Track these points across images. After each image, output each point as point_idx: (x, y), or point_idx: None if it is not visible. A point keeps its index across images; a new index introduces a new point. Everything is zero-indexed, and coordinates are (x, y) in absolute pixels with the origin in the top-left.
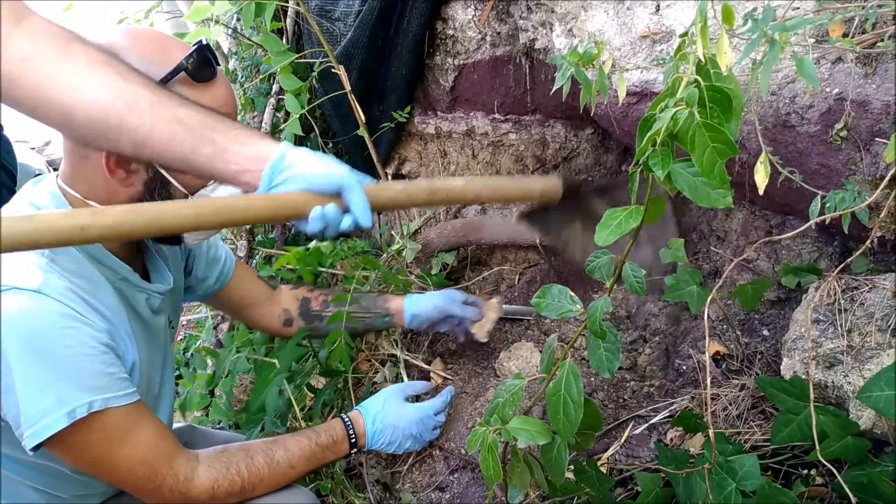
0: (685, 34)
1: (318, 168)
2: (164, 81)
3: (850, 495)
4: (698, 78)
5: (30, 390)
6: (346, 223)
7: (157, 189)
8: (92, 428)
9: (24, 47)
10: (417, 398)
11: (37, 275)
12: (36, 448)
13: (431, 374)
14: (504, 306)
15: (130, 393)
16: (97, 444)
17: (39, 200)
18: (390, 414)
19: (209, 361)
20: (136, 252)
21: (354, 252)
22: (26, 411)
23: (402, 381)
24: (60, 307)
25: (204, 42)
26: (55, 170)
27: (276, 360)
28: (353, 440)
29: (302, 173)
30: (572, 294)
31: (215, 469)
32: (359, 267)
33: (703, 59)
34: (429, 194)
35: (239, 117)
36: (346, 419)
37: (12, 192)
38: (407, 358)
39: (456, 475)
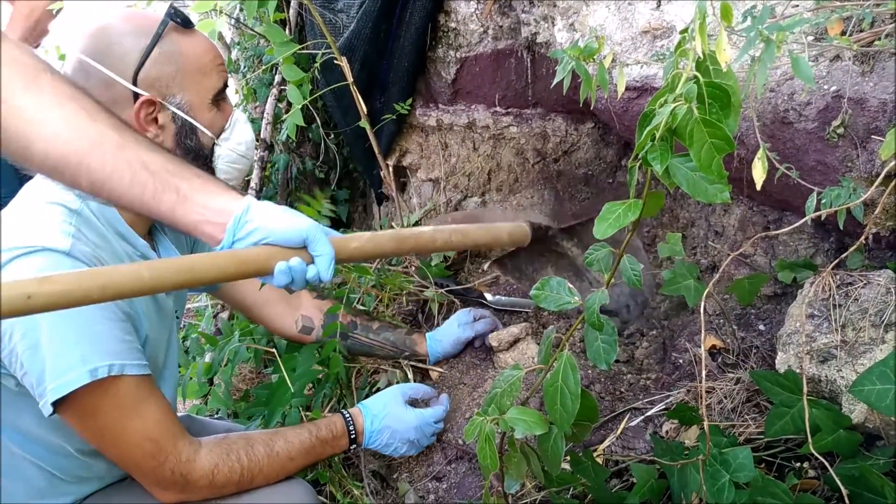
0: (685, 31)
1: (282, 222)
2: (158, 35)
3: (842, 488)
4: (697, 74)
5: (57, 346)
6: (310, 273)
7: (186, 136)
8: (107, 392)
9: None
10: (417, 402)
11: (66, 239)
12: (55, 406)
13: (430, 372)
14: (502, 298)
15: (144, 365)
16: (110, 412)
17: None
18: (390, 416)
19: (207, 349)
20: (148, 233)
21: None
22: (54, 365)
23: (405, 373)
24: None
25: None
26: None
27: (290, 384)
28: (353, 436)
29: (266, 226)
30: (571, 286)
31: (216, 454)
32: (352, 272)
33: (702, 56)
34: (397, 243)
35: (241, 108)
36: (347, 415)
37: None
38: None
39: (453, 465)
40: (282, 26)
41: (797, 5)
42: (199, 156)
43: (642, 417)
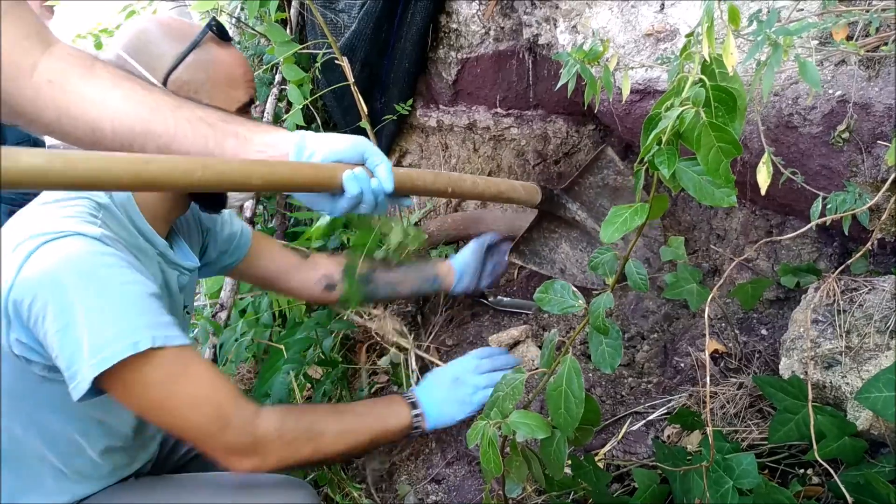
0: (691, 34)
1: (338, 141)
2: (196, 44)
3: (847, 495)
4: (704, 77)
5: (93, 322)
6: (374, 184)
7: None
8: (153, 364)
9: (51, 71)
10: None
11: (95, 228)
12: (94, 385)
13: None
14: (503, 299)
15: (183, 336)
16: (160, 383)
17: None
18: (446, 404)
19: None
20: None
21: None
22: (92, 342)
23: (409, 368)
24: (120, 255)
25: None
26: None
27: (282, 347)
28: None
29: (324, 147)
30: (575, 290)
31: (277, 410)
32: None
33: (708, 59)
34: (443, 182)
35: None
36: (416, 419)
37: None
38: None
39: (453, 468)
40: (283, 26)
41: (802, 9)
42: None
43: (644, 422)
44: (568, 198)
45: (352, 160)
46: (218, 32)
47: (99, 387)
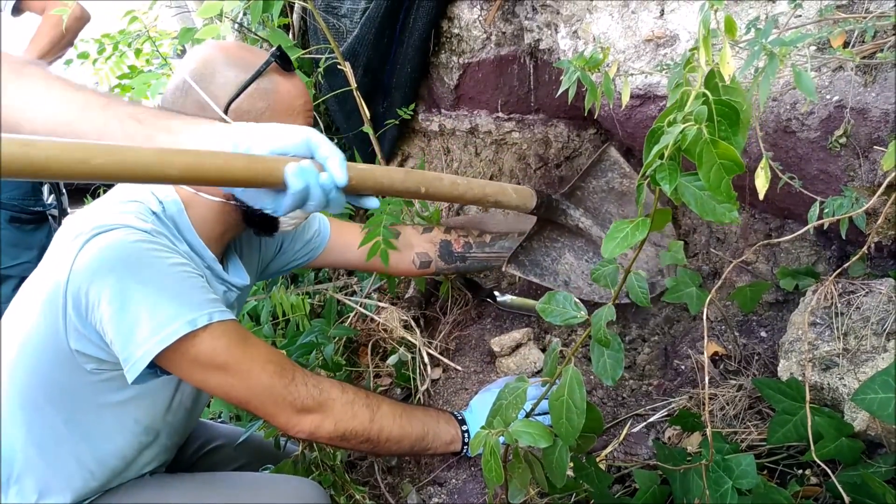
0: (695, 48)
1: (282, 131)
2: (259, 72)
3: (844, 495)
4: (707, 92)
5: (148, 303)
6: (323, 179)
7: None
8: (214, 335)
9: None
10: None
11: (147, 224)
12: (151, 366)
13: (440, 362)
14: (512, 298)
15: (231, 313)
16: (225, 350)
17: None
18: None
19: None
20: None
21: None
22: (149, 321)
23: (419, 365)
24: (166, 244)
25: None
26: None
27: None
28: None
29: (265, 142)
30: (577, 300)
31: (337, 381)
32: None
33: (710, 71)
34: (416, 184)
35: None
36: (465, 446)
37: None
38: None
39: (454, 471)
40: (286, 31)
41: (800, 15)
42: None
43: (644, 423)
44: (569, 203)
45: (298, 154)
46: (282, 62)
47: (159, 365)
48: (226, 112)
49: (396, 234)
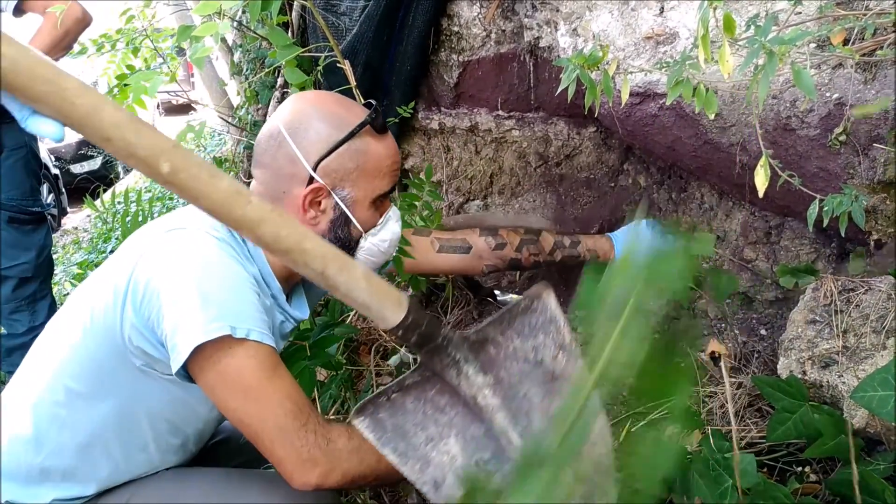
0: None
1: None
2: (352, 134)
3: (844, 492)
4: None
5: (202, 299)
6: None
7: (339, 226)
8: (248, 353)
9: None
10: None
11: (220, 233)
12: (192, 356)
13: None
14: (511, 298)
15: (274, 341)
16: (253, 372)
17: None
18: None
19: None
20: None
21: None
22: (202, 312)
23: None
24: (234, 254)
25: (373, 104)
26: (58, 159)
27: (305, 343)
28: None
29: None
30: None
31: (346, 426)
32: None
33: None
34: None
35: (243, 110)
36: None
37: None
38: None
39: None
40: (284, 29)
41: (800, 12)
42: (344, 245)
43: (644, 421)
44: (471, 357)
45: None
46: (376, 126)
47: (192, 369)
48: (315, 169)
49: (464, 249)
